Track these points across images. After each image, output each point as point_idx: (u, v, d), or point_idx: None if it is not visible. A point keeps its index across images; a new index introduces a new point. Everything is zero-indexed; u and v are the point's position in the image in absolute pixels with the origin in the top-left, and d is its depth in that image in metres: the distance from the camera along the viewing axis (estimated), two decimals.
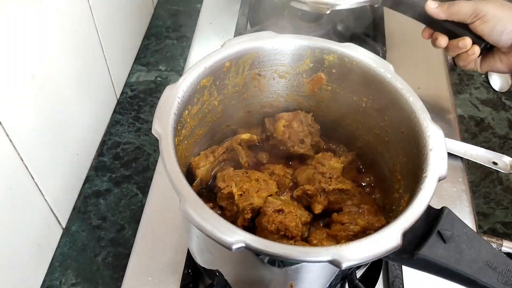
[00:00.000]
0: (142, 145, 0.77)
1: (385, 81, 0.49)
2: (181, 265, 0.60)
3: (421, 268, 0.42)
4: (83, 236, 0.67)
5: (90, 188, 0.72)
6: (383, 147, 0.53)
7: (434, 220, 0.41)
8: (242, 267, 0.47)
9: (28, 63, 0.53)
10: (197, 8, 0.98)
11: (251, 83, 0.54)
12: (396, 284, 0.59)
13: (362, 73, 0.51)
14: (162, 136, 0.42)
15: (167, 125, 0.43)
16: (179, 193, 0.38)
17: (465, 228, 0.41)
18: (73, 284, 0.62)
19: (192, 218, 0.37)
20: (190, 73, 0.47)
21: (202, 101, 0.50)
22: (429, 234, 0.40)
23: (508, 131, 0.83)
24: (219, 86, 0.51)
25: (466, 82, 0.90)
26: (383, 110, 0.51)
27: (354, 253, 0.36)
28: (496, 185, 0.75)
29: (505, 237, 0.68)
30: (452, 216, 0.41)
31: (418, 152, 0.45)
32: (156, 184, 0.69)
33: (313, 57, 0.52)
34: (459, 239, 0.40)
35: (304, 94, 0.56)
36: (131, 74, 0.87)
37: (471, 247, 0.40)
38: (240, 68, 0.52)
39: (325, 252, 0.36)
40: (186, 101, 0.46)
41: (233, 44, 0.50)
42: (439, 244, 0.40)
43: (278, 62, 0.53)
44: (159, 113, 0.43)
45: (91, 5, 0.68)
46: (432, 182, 0.41)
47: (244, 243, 0.35)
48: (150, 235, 0.63)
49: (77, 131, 0.69)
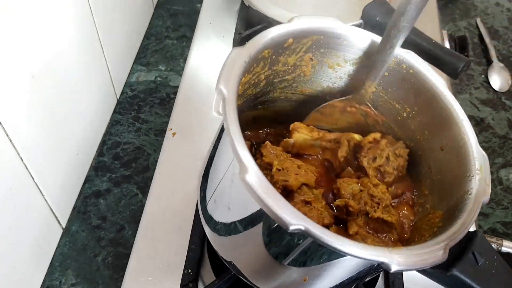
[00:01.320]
0: (142, 145, 0.77)
1: (438, 96, 0.48)
2: (181, 265, 0.60)
3: (450, 285, 0.42)
4: (83, 236, 0.67)
5: (90, 188, 0.72)
6: (414, 159, 0.52)
7: (467, 241, 0.42)
8: (259, 262, 0.46)
9: (28, 63, 0.53)
10: (197, 8, 0.98)
11: (300, 66, 0.52)
12: (396, 284, 0.59)
13: (416, 82, 0.49)
14: (227, 98, 0.39)
15: (232, 87, 0.40)
16: (240, 162, 0.36)
17: (495, 255, 0.42)
18: (73, 284, 0.62)
19: (254, 191, 0.35)
20: (258, 40, 0.45)
21: (255, 72, 0.48)
22: (463, 254, 0.41)
23: (508, 131, 0.83)
24: (273, 61, 0.49)
25: (466, 82, 0.90)
26: (425, 124, 0.50)
27: (404, 259, 0.36)
28: (496, 185, 0.75)
29: (505, 237, 0.68)
30: (485, 240, 0.42)
31: (460, 172, 0.44)
32: (156, 184, 0.69)
33: (370, 55, 0.50)
34: (490, 263, 0.41)
35: (345, 89, 0.55)
36: (131, 74, 0.87)
37: (500, 273, 0.41)
38: (298, 48, 0.49)
39: (379, 253, 0.35)
40: (247, 67, 0.44)
41: (302, 21, 0.48)
42: (472, 265, 0.41)
43: (334, 52, 0.51)
44: (226, 73, 0.41)
45: (91, 5, 0.68)
46: (477, 204, 0.41)
47: (303, 226, 0.34)
48: (150, 235, 0.63)
49: (77, 131, 0.69)
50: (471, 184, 0.42)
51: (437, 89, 0.48)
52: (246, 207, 0.41)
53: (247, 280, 0.48)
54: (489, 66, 0.92)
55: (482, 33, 0.97)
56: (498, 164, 0.77)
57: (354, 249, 0.35)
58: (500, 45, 0.96)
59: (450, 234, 0.39)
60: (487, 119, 0.84)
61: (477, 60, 0.94)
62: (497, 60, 0.92)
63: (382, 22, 0.76)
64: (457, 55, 0.71)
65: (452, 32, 0.98)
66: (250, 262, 0.47)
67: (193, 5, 1.00)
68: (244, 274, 0.48)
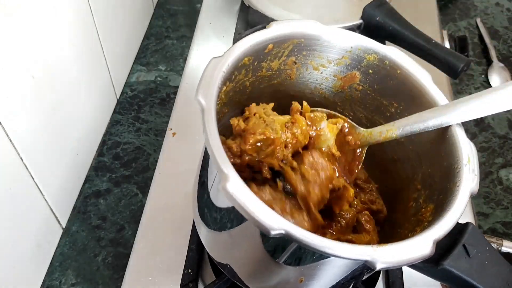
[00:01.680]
0: (142, 145, 0.77)
1: (423, 91, 0.48)
2: (181, 265, 0.60)
3: (442, 279, 0.42)
4: (83, 236, 0.67)
5: (90, 188, 0.72)
6: (404, 154, 0.52)
7: (458, 234, 0.41)
8: (254, 263, 0.46)
9: (28, 63, 0.53)
10: (197, 8, 0.98)
11: (284, 70, 0.53)
12: (396, 284, 0.59)
13: (401, 79, 0.49)
14: (205, 108, 0.40)
15: (211, 97, 0.40)
16: (220, 170, 0.37)
17: (488, 246, 0.42)
18: (73, 284, 0.62)
19: (234, 198, 0.35)
20: (236, 48, 0.45)
21: (237, 80, 0.48)
22: (454, 247, 0.41)
23: (508, 131, 0.83)
24: (255, 67, 0.49)
25: (466, 82, 0.90)
26: None
27: (389, 256, 0.36)
28: (496, 185, 0.75)
29: (505, 237, 0.68)
30: (476, 231, 0.42)
31: (449, 165, 0.44)
32: (156, 184, 0.69)
33: (353, 54, 0.51)
34: (482, 255, 0.41)
35: (332, 90, 0.55)
36: (131, 74, 0.87)
37: (493, 265, 0.41)
38: (280, 52, 0.50)
39: (363, 251, 0.36)
40: (227, 76, 0.45)
41: (280, 27, 0.48)
42: (463, 258, 0.40)
43: (316, 54, 0.52)
44: (205, 83, 0.41)
45: (91, 5, 0.68)
46: (465, 196, 0.41)
47: (284, 230, 0.34)
48: (150, 235, 0.63)
49: (77, 131, 0.69)
50: (459, 176, 0.42)
51: (422, 83, 0.48)
52: (235, 213, 0.41)
53: (244, 284, 0.49)
54: (489, 66, 0.92)
55: (482, 33, 0.97)
56: (498, 164, 0.77)
57: (337, 249, 0.35)
58: (500, 45, 0.96)
59: (437, 228, 0.38)
60: (487, 119, 0.84)
61: (477, 60, 0.94)
62: (497, 60, 0.92)
63: (382, 22, 0.76)
64: (457, 55, 0.71)
65: (452, 32, 0.98)
66: (245, 263, 0.48)
67: (193, 5, 1.00)
68: (240, 277, 0.48)
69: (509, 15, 1.03)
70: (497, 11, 1.04)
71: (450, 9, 1.05)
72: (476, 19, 1.01)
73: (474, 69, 0.92)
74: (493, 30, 1.00)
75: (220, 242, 0.48)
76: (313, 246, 0.35)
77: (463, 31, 1.00)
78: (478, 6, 1.05)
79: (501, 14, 1.04)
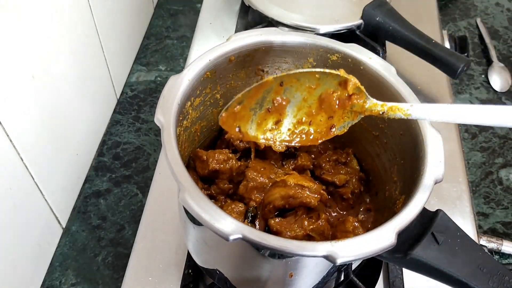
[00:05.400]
0: (142, 145, 0.77)
1: (387, 84, 0.49)
2: (181, 265, 0.60)
3: (413, 268, 0.42)
4: (83, 236, 0.67)
5: (90, 188, 0.72)
6: (381, 148, 0.53)
7: (428, 222, 0.42)
8: (241, 261, 0.47)
9: (28, 63, 0.53)
10: (197, 8, 0.98)
11: (253, 78, 0.54)
12: (396, 284, 0.59)
13: (365, 74, 0.51)
14: (164, 125, 0.42)
15: (170, 114, 0.43)
16: (178, 182, 0.38)
17: (459, 231, 0.42)
18: (73, 284, 0.62)
19: (191, 207, 0.37)
20: (195, 65, 0.47)
21: (205, 94, 0.50)
22: (423, 236, 0.41)
23: (508, 131, 0.83)
24: (222, 80, 0.51)
25: (466, 82, 0.90)
26: None
27: (349, 249, 0.36)
28: (496, 185, 0.75)
29: (505, 237, 0.68)
30: (446, 218, 0.42)
31: (416, 155, 0.45)
32: (156, 184, 0.69)
33: (317, 56, 0.52)
34: (452, 241, 0.41)
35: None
36: (131, 74, 0.87)
37: (464, 250, 0.41)
38: (243, 63, 0.51)
39: (321, 247, 0.36)
40: (189, 92, 0.46)
41: (239, 38, 0.50)
42: (433, 245, 0.40)
43: (281, 59, 0.53)
44: (163, 102, 0.44)
45: (91, 5, 0.68)
46: (428, 185, 0.41)
47: (241, 234, 0.36)
48: (150, 235, 0.63)
49: (77, 131, 0.69)
50: (423, 165, 0.43)
51: (385, 76, 0.50)
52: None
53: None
54: (489, 66, 0.92)
55: (482, 33, 0.97)
56: (498, 164, 0.77)
57: (295, 248, 0.36)
58: (500, 45, 0.96)
59: (399, 218, 0.39)
60: None
61: (477, 60, 0.94)
62: (497, 60, 0.92)
63: (382, 22, 0.76)
64: (457, 55, 0.71)
65: (452, 32, 0.98)
66: (233, 265, 0.49)
67: (193, 5, 1.00)
68: (231, 281, 0.49)
69: (509, 15, 1.03)
70: (497, 11, 1.04)
71: (450, 9, 1.04)
72: (476, 19, 1.01)
73: (474, 69, 0.92)
74: (493, 30, 0.99)
75: (203, 248, 0.50)
76: (271, 246, 0.36)
77: (463, 31, 1.00)
78: (478, 6, 1.05)
79: (501, 14, 1.04)
